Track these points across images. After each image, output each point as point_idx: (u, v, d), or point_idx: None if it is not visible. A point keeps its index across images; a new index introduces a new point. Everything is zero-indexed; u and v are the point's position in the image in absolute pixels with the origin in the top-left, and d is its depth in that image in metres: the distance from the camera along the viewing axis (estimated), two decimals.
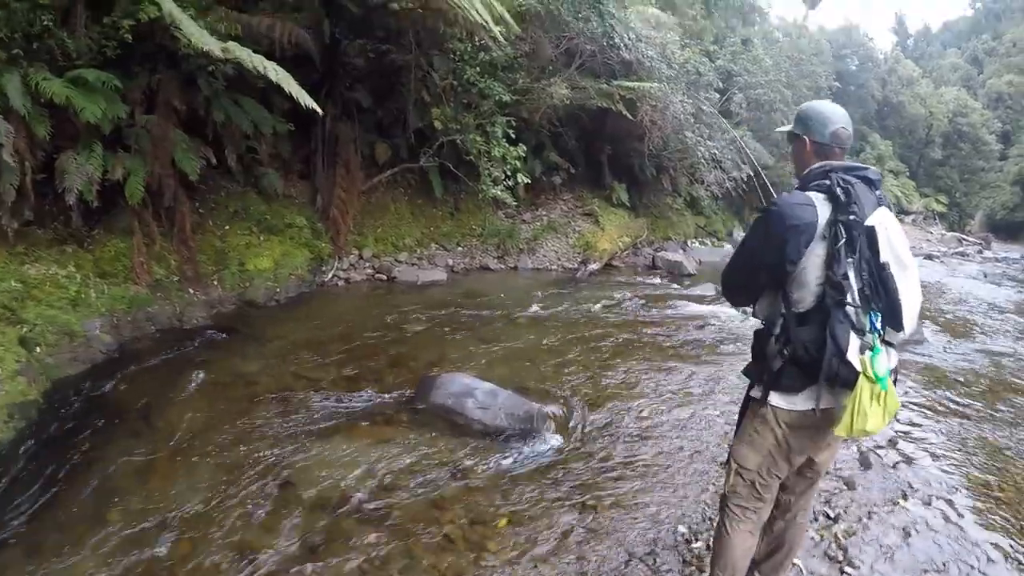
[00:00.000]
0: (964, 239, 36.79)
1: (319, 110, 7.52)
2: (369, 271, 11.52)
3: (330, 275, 10.86)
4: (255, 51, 7.43)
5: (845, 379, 2.34)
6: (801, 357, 2.44)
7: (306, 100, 7.37)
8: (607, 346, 7.97)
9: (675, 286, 13.22)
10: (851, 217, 2.37)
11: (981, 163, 47.21)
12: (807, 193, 2.49)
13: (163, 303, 7.89)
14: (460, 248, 13.61)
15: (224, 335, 7.59)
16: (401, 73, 12.33)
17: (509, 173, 12.05)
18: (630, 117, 14.87)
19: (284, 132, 10.48)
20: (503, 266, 13.78)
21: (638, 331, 8.82)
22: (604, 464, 4.76)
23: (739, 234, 23.29)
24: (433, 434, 5.10)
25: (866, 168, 2.60)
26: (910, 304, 2.42)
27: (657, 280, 13.96)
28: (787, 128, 2.83)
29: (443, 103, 12.35)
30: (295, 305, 9.39)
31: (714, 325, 9.52)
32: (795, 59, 27.82)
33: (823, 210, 2.42)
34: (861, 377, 2.30)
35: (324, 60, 11.20)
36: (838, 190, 2.42)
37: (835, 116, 2.66)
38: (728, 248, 20.14)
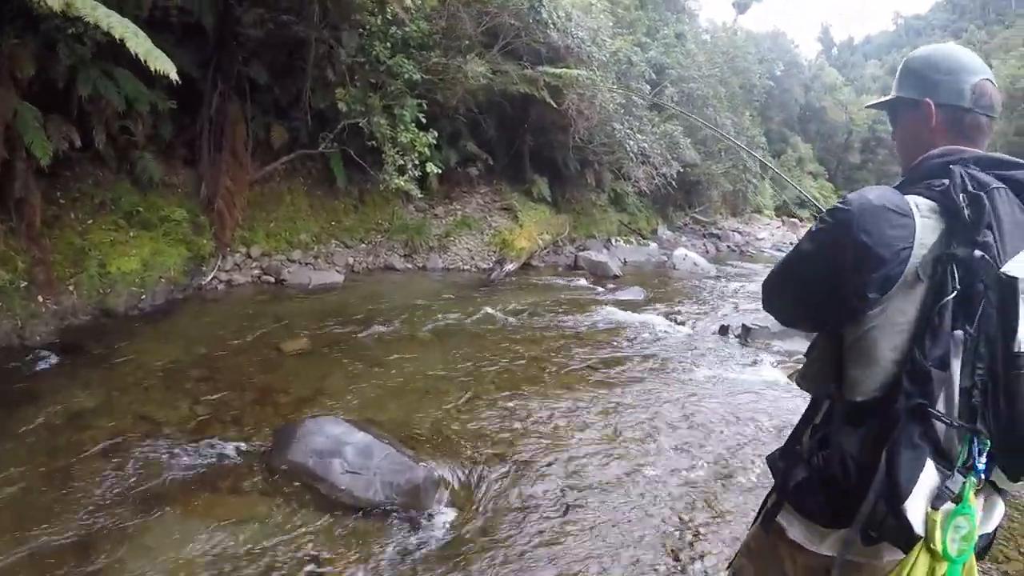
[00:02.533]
0: None
1: (175, 77, 6.23)
2: (256, 272, 10.15)
3: (210, 277, 9.46)
4: (136, 16, 6.40)
5: (892, 536, 1.38)
6: (834, 475, 1.48)
7: (158, 63, 6.06)
8: (523, 369, 6.82)
9: (600, 289, 12.26)
10: (975, 253, 1.35)
11: (897, 169, 48.85)
12: (906, 196, 1.47)
13: (1, 315, 6.56)
14: (363, 245, 12.31)
15: (68, 356, 6.30)
16: (303, 48, 11.05)
17: (417, 162, 10.87)
18: (555, 106, 13.84)
19: (165, 110, 9.10)
20: (410, 265, 12.52)
21: (560, 348, 7.72)
22: (514, 557, 3.56)
23: (664, 232, 22.56)
24: (291, 507, 3.87)
25: (1021, 164, 1.52)
26: None
27: (581, 282, 12.94)
28: (889, 96, 1.76)
29: (348, 83, 11.07)
30: (161, 315, 8.04)
31: (646, 338, 8.55)
32: (730, 55, 27.45)
33: (927, 230, 1.42)
34: (920, 546, 1.32)
35: (216, 29, 9.86)
36: (961, 197, 1.40)
37: (974, 60, 1.62)
38: (653, 247, 19.37)
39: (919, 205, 1.44)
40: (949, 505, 1.33)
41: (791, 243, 27.39)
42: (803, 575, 1.62)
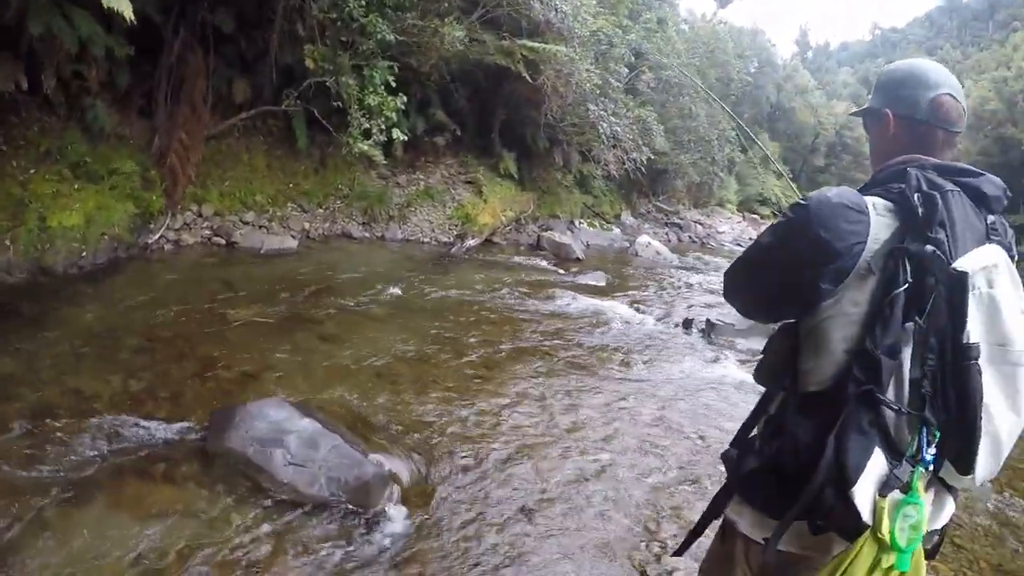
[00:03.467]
0: None
1: (130, 16, 5.84)
2: (207, 232, 9.69)
3: (157, 235, 8.97)
4: None
5: (840, 524, 1.38)
6: (785, 463, 1.49)
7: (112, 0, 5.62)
8: (481, 354, 6.52)
9: (562, 271, 12.04)
10: (927, 249, 1.39)
11: (860, 175, 50.91)
12: (865, 196, 1.50)
13: None
14: (321, 210, 11.87)
15: None
16: None
17: (384, 127, 10.43)
18: (530, 81, 13.46)
19: (123, 56, 8.60)
20: (368, 235, 12.13)
21: (520, 331, 7.48)
22: (467, 567, 3.26)
23: (628, 218, 22.40)
24: (228, 500, 3.53)
25: (980, 173, 1.58)
26: (998, 432, 1.39)
27: (543, 263, 12.71)
28: (866, 106, 1.79)
29: (318, 39, 10.57)
30: (103, 275, 7.59)
31: (609, 327, 8.33)
32: (710, 46, 27.29)
33: (881, 227, 1.46)
34: (867, 534, 1.32)
35: None
36: (916, 197, 1.45)
37: (938, 76, 1.65)
38: (616, 232, 19.21)
39: (875, 204, 1.48)
40: (897, 494, 1.34)
41: (751, 239, 27.64)
42: (758, 573, 1.59)
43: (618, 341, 7.72)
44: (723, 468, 1.74)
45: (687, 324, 8.86)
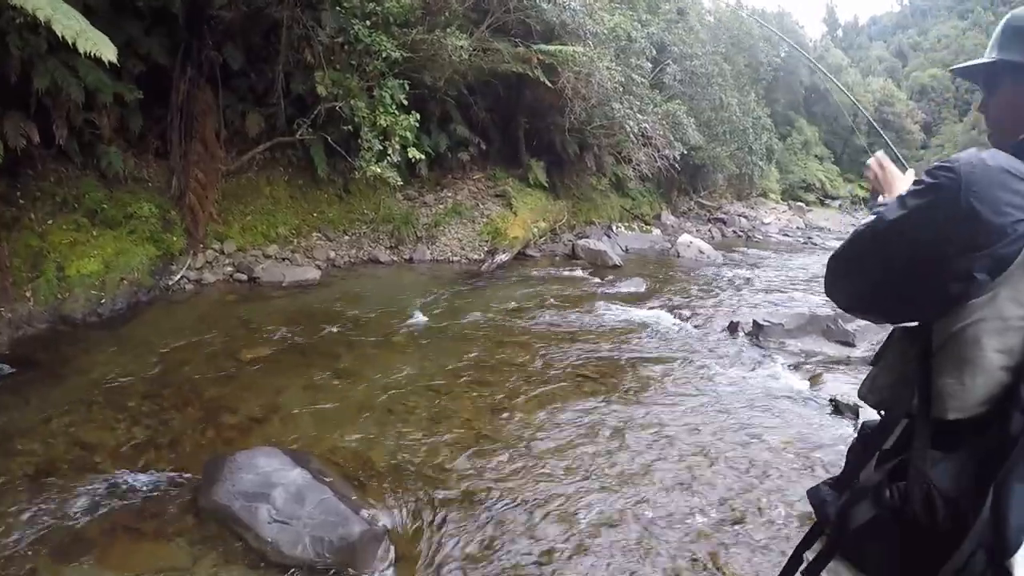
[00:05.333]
0: None
1: (111, 58, 5.71)
2: (228, 269, 9.52)
3: (178, 276, 8.85)
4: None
5: None
6: (916, 516, 1.16)
7: (89, 44, 5.54)
8: (504, 380, 6.12)
9: (598, 281, 11.52)
10: None
11: (905, 151, 48.11)
12: None
13: None
14: (347, 237, 11.65)
15: (16, 369, 5.85)
16: (280, 30, 10.37)
17: (398, 147, 10.17)
18: (550, 85, 13.05)
19: (133, 101, 8.61)
20: (396, 258, 11.84)
21: (549, 353, 7.01)
22: None
23: (668, 217, 21.71)
24: (214, 560, 3.28)
25: None
26: None
27: (578, 272, 12.22)
28: (986, 59, 1.42)
29: (327, 65, 10.41)
30: (121, 321, 7.48)
31: (646, 338, 7.81)
32: (734, 32, 26.61)
33: None
34: None
35: (185, 12, 9.30)
36: None
37: None
38: (656, 233, 18.64)
39: None
40: None
41: (797, 228, 26.70)
42: None
43: (655, 354, 7.24)
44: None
45: (732, 328, 8.33)
